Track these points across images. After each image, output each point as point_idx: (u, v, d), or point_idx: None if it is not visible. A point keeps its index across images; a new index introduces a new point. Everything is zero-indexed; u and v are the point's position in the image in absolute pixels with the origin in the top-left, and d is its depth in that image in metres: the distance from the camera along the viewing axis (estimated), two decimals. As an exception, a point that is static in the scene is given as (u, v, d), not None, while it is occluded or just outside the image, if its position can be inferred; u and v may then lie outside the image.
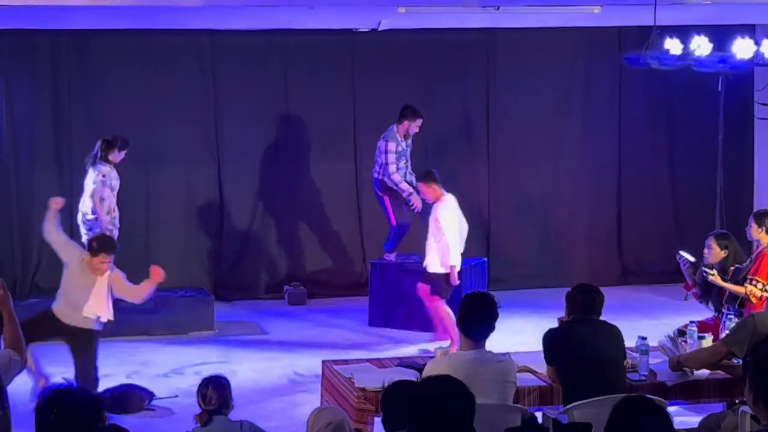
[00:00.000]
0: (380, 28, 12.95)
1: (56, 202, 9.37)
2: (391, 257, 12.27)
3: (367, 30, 13.19)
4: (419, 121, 11.95)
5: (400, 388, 4.95)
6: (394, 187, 11.86)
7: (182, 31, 12.89)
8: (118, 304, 11.57)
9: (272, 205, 13.61)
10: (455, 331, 9.63)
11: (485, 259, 12.76)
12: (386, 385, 5.05)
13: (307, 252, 13.48)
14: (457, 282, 10.82)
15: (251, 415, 7.43)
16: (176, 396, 9.49)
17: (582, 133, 14.16)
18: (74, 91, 13.01)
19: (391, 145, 11.84)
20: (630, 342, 7.30)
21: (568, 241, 14.17)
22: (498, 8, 10.89)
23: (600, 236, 14.32)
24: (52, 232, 9.22)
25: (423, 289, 10.94)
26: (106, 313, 9.11)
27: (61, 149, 13.07)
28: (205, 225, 13.48)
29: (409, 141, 12.05)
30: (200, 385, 6.30)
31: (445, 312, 10.76)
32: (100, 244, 9.04)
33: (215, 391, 6.21)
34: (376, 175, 12.06)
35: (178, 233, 13.26)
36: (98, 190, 11.27)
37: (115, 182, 11.46)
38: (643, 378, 7.11)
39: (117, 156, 11.46)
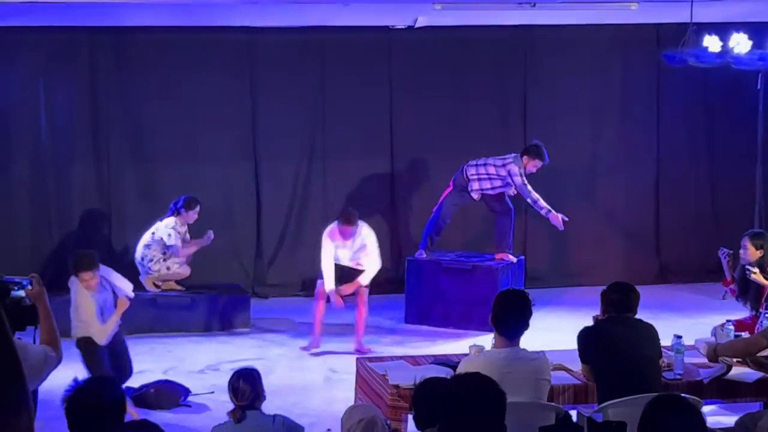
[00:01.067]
0: (417, 25, 12.94)
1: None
2: (422, 254, 12.25)
3: (403, 27, 13.18)
4: (539, 164, 11.91)
5: (431, 385, 4.94)
6: (533, 205, 11.90)
7: (220, 28, 12.93)
8: (155, 300, 11.77)
9: (309, 202, 13.63)
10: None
11: (522, 257, 12.72)
12: (417, 382, 5.05)
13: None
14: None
15: (286, 411, 7.47)
16: (212, 392, 9.52)
17: (619, 131, 14.09)
18: (112, 88, 13.08)
19: (516, 169, 11.85)
20: (666, 341, 7.27)
21: (606, 239, 14.10)
22: (534, 5, 10.85)
23: (637, 234, 14.25)
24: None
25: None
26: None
27: (99, 146, 13.14)
28: (242, 222, 13.52)
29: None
30: (231, 379, 6.28)
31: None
32: (73, 264, 8.86)
33: (247, 384, 6.20)
34: (471, 182, 12.03)
35: (216, 230, 13.26)
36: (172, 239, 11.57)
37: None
38: (679, 377, 7.08)
39: (191, 216, 11.71)
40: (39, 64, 12.87)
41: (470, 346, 7.07)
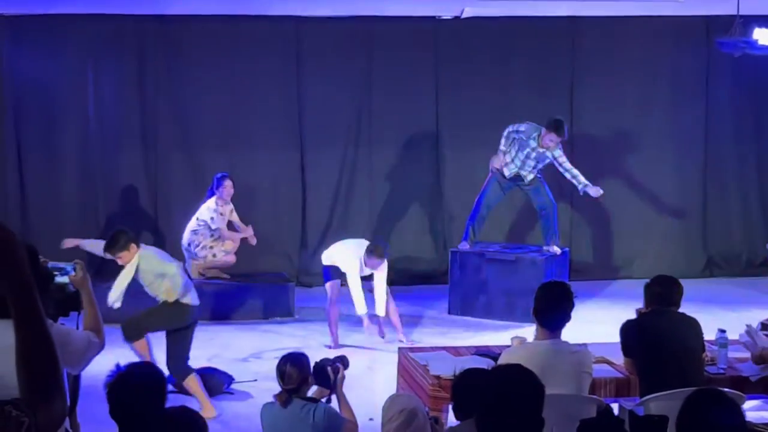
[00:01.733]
0: (463, 16, 12.90)
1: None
2: (465, 246, 12.23)
3: (450, 17, 13.16)
4: (554, 137, 11.84)
5: (470, 376, 4.93)
6: (572, 180, 11.87)
7: (267, 17, 12.96)
8: (200, 288, 11.82)
9: (354, 191, 13.66)
10: None
11: (567, 249, 12.67)
12: (457, 372, 5.05)
13: (387, 239, 13.47)
14: None
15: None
16: (255, 380, 9.56)
17: (667, 123, 14.00)
18: (160, 76, 13.17)
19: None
20: (711, 335, 7.22)
21: (652, 232, 14.02)
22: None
23: (684, 227, 14.16)
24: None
25: None
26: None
27: (146, 133, 13.24)
28: (287, 211, 13.57)
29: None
30: (279, 362, 6.26)
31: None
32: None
33: (294, 368, 6.17)
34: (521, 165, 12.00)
35: (261, 219, 13.33)
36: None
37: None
38: (722, 371, 7.02)
39: (226, 192, 11.84)
40: (88, 52, 12.98)
41: (512, 338, 7.06)
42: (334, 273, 10.86)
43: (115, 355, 5.42)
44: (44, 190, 13.06)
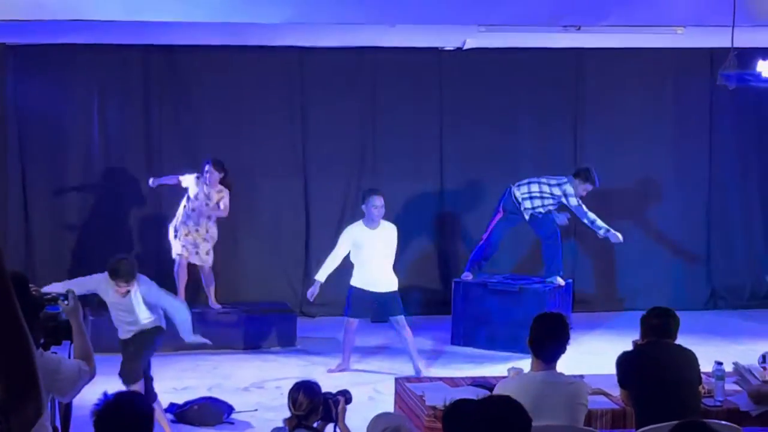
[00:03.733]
0: (465, 47, 12.94)
1: None
2: (468, 276, 12.24)
3: (452, 48, 13.20)
4: (589, 188, 11.94)
5: (459, 407, 4.93)
6: (591, 225, 11.95)
7: (272, 48, 13.00)
8: (202, 317, 11.85)
9: (357, 220, 13.63)
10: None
11: (570, 280, 12.65)
12: (447, 403, 5.05)
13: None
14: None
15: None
16: (255, 410, 9.55)
17: (671, 155, 14.01)
18: (165, 106, 13.21)
19: (572, 190, 11.93)
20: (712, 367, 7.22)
21: (656, 264, 13.99)
22: (579, 28, 10.82)
23: (688, 259, 14.14)
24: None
25: None
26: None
27: (152, 162, 13.25)
28: (290, 241, 13.56)
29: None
30: (292, 388, 6.32)
31: None
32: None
33: (306, 397, 6.23)
34: (523, 201, 12.02)
35: (264, 248, 13.37)
36: None
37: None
38: (719, 404, 7.00)
39: (209, 178, 11.92)
40: (93, 82, 13.04)
41: (509, 369, 7.06)
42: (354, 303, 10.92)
43: (104, 385, 5.43)
44: (48, 219, 13.06)
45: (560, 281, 12.10)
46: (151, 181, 12.18)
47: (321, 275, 10.94)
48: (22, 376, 2.46)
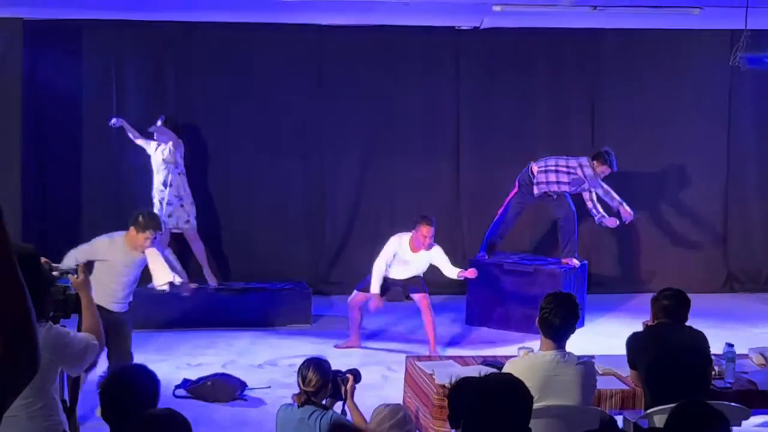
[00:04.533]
0: (482, 26, 12.91)
1: None
2: (484, 256, 12.23)
3: (470, 27, 13.17)
4: (606, 171, 11.93)
5: (463, 384, 4.94)
6: (604, 196, 11.91)
7: (289, 25, 12.99)
8: (218, 295, 11.91)
9: (373, 200, 13.68)
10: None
11: (585, 262, 12.63)
12: (453, 381, 5.06)
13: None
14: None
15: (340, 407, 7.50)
16: (269, 387, 9.58)
17: (689, 137, 13.93)
18: (182, 83, 13.21)
19: (588, 162, 11.90)
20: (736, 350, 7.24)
21: (672, 247, 13.96)
22: (595, 8, 10.78)
23: (705, 241, 14.11)
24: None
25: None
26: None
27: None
28: (306, 219, 13.59)
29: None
30: (302, 365, 6.34)
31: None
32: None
33: (315, 374, 6.25)
34: (538, 175, 12.00)
35: (280, 226, 13.39)
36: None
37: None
38: (729, 385, 7.00)
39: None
40: (110, 58, 13.06)
41: (519, 349, 7.05)
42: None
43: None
44: (65, 194, 13.10)
45: (575, 262, 12.09)
46: (114, 120, 12.10)
47: (375, 287, 10.76)
48: (19, 334, 2.39)
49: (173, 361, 10.38)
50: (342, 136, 13.50)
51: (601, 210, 11.93)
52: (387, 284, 10.86)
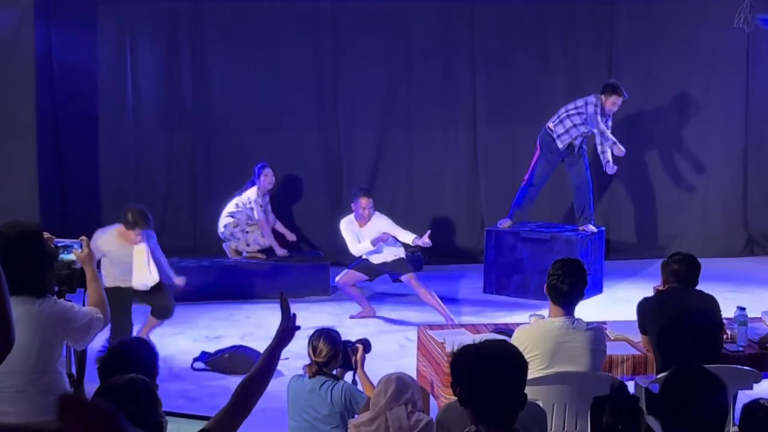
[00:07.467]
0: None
1: None
2: (503, 222, 12.19)
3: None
4: (617, 100, 11.82)
5: (464, 351, 4.93)
6: (600, 136, 11.81)
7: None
8: (236, 267, 11.94)
9: (391, 172, 13.67)
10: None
11: (603, 228, 12.58)
12: (455, 349, 5.05)
13: (424, 218, 13.45)
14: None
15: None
16: (287, 358, 9.53)
17: (707, 100, 13.86)
18: (196, 58, 13.21)
19: (593, 99, 11.84)
20: (751, 313, 7.21)
21: (692, 211, 13.92)
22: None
23: (725, 205, 14.05)
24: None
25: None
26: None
27: (183, 114, 13.29)
28: (323, 190, 13.60)
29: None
30: (312, 335, 6.39)
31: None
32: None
33: (326, 344, 6.30)
34: (555, 128, 11.96)
35: (298, 198, 13.40)
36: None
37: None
38: (741, 349, 6.97)
39: (266, 181, 11.97)
40: (124, 33, 13.05)
41: (530, 316, 7.05)
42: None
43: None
44: (82, 172, 13.13)
45: (592, 228, 12.04)
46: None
47: (364, 248, 10.98)
48: None
49: (191, 334, 10.43)
50: (357, 107, 13.48)
51: (608, 157, 11.85)
52: (375, 269, 11.00)
